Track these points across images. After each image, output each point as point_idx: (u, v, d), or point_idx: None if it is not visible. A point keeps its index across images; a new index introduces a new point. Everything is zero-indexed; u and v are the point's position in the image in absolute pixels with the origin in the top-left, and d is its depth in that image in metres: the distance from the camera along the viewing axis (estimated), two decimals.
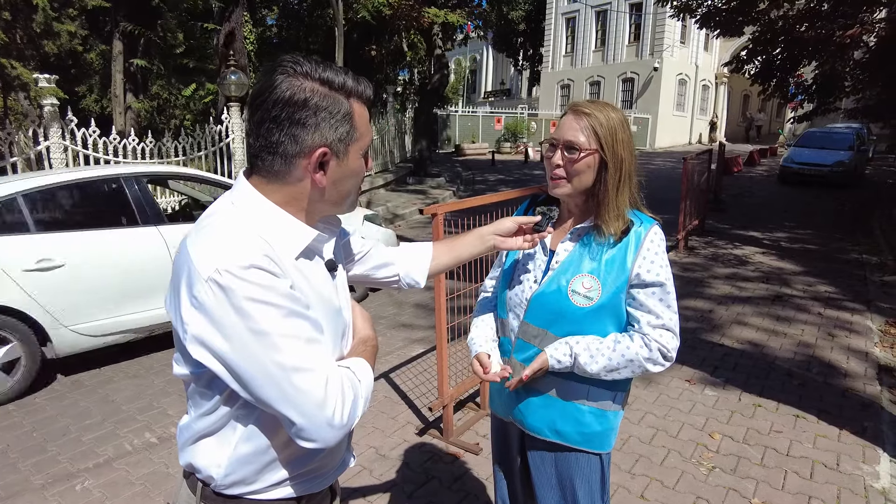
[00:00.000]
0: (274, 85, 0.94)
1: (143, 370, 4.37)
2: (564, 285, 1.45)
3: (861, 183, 15.95)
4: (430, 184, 14.87)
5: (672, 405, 3.70)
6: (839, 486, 2.85)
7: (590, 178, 1.43)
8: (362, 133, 1.02)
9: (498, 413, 1.72)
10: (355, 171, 1.05)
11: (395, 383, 4.07)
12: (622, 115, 1.45)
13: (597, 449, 1.55)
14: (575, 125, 1.42)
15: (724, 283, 6.50)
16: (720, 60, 31.51)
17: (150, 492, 2.86)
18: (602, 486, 1.59)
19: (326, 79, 0.96)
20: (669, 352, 1.44)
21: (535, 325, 1.51)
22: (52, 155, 7.31)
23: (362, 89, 1.01)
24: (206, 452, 1.05)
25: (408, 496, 2.80)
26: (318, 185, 1.00)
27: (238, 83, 9.41)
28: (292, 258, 0.99)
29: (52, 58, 10.82)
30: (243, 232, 0.94)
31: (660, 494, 2.79)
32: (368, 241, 1.44)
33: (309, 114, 0.95)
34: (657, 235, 1.45)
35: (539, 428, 1.56)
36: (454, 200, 3.53)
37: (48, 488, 2.89)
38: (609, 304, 1.43)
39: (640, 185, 1.50)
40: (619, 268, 1.42)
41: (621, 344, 1.43)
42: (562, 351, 1.45)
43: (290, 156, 0.97)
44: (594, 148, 1.40)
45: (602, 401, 1.52)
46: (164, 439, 3.37)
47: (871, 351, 4.57)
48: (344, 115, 0.98)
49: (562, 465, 1.58)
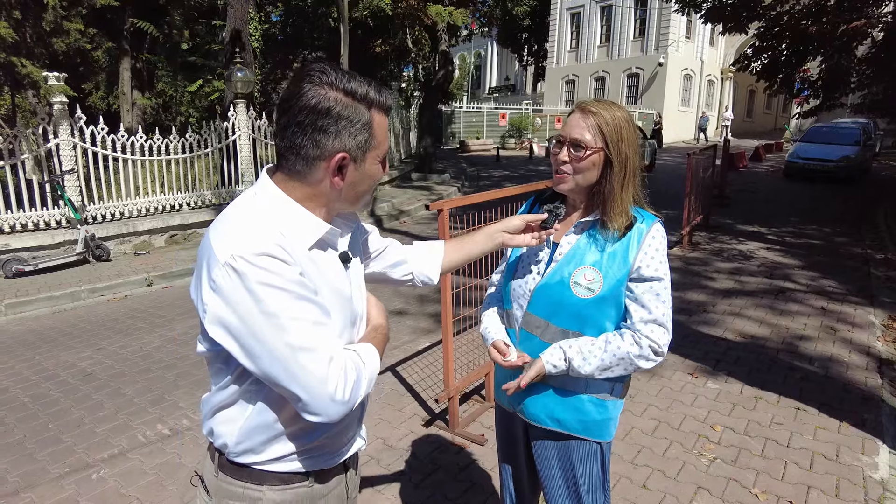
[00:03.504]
0: (301, 92, 1.02)
1: (154, 364, 4.45)
2: (567, 277, 1.50)
3: (867, 178, 15.90)
4: (435, 180, 14.92)
5: (674, 398, 3.75)
6: (838, 477, 2.90)
7: (594, 174, 1.48)
8: (380, 141, 1.10)
9: (503, 404, 1.77)
10: (371, 175, 1.13)
11: (401, 376, 4.13)
12: (627, 114, 1.50)
13: (596, 437, 1.59)
14: (581, 123, 1.47)
15: (727, 278, 6.53)
16: (726, 55, 31.41)
17: (164, 481, 2.93)
18: (602, 474, 1.64)
19: (350, 89, 1.04)
20: (660, 347, 1.48)
21: (537, 315, 1.57)
22: (61, 152, 7.40)
23: (383, 100, 1.09)
24: (222, 422, 1.16)
25: (415, 485, 2.86)
26: (336, 186, 1.09)
27: (244, 80, 9.48)
28: (305, 248, 1.06)
29: (61, 56, 10.91)
30: (259, 222, 1.02)
31: (661, 484, 2.85)
32: (386, 239, 1.50)
33: (331, 122, 1.03)
34: (659, 232, 1.50)
35: (540, 417, 1.61)
36: (459, 196, 3.58)
37: (65, 478, 2.97)
38: (610, 296, 1.48)
39: (643, 181, 1.54)
40: (621, 261, 1.47)
41: (612, 344, 1.48)
42: (557, 356, 1.51)
43: (312, 158, 1.05)
44: (599, 146, 1.45)
45: (601, 392, 1.57)
46: (177, 431, 3.45)
47: (874, 345, 4.60)
48: (364, 125, 1.06)
49: (563, 453, 1.63)
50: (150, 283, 6.73)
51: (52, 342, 4.98)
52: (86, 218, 7.62)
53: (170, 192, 8.77)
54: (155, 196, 8.57)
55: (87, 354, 4.66)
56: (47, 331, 5.29)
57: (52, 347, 4.84)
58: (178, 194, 8.86)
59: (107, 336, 5.09)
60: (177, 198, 8.83)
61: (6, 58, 8.72)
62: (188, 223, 8.76)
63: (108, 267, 7.17)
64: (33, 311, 5.87)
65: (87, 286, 6.33)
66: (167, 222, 8.50)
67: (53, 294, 6.09)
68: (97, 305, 6.09)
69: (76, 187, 7.51)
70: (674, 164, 18.51)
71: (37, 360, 4.57)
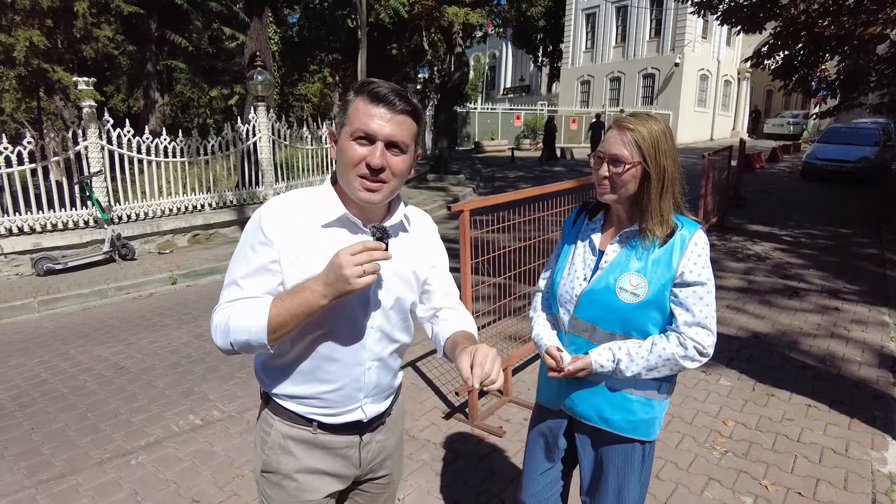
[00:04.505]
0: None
1: (183, 359, 4.63)
2: (612, 283, 1.59)
3: (887, 179, 15.74)
4: (451, 181, 15.06)
5: (688, 394, 3.84)
6: (847, 471, 2.98)
7: (633, 186, 1.57)
8: (351, 120, 1.25)
9: (544, 402, 1.85)
10: (343, 150, 1.26)
11: (421, 371, 4.27)
12: (664, 126, 1.58)
13: (642, 436, 1.67)
14: (619, 140, 1.55)
15: (741, 278, 6.59)
16: (743, 56, 31.13)
17: (198, 467, 3.10)
18: (643, 472, 1.71)
19: (355, 85, 1.30)
20: (705, 348, 1.57)
21: (584, 319, 1.66)
22: (89, 154, 7.64)
23: (369, 88, 1.25)
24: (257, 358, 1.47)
25: (436, 473, 3.00)
26: (333, 156, 1.33)
27: (265, 83, 9.68)
28: (320, 224, 1.29)
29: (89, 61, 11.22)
30: (285, 198, 1.33)
31: (674, 475, 2.96)
32: (445, 282, 1.57)
33: (340, 106, 1.33)
34: (701, 239, 1.57)
35: (588, 414, 1.70)
36: (477, 198, 3.71)
37: (106, 463, 3.15)
38: (655, 300, 1.57)
39: (683, 190, 1.62)
40: (665, 267, 1.55)
41: (658, 346, 1.57)
42: (605, 357, 1.61)
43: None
44: (637, 161, 1.54)
45: (648, 390, 1.66)
46: (208, 422, 3.62)
47: (887, 345, 4.65)
48: (344, 105, 1.29)
49: (609, 450, 1.71)
50: (174, 281, 6.93)
51: (84, 337, 5.19)
52: (112, 218, 7.86)
53: (192, 193, 8.99)
54: (178, 197, 8.80)
55: (118, 349, 4.86)
56: (79, 326, 5.51)
57: (84, 342, 5.05)
58: (201, 195, 9.08)
59: (136, 332, 5.29)
60: (199, 198, 9.05)
61: (38, 64, 9.03)
62: (210, 223, 8.98)
63: (134, 266, 7.40)
64: (64, 307, 6.10)
65: (114, 284, 6.55)
66: (190, 222, 8.72)
67: (83, 291, 6.32)
68: (124, 303, 6.30)
69: (103, 188, 7.76)
70: (689, 165, 18.43)
71: (71, 354, 4.78)
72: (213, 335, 1.29)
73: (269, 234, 1.26)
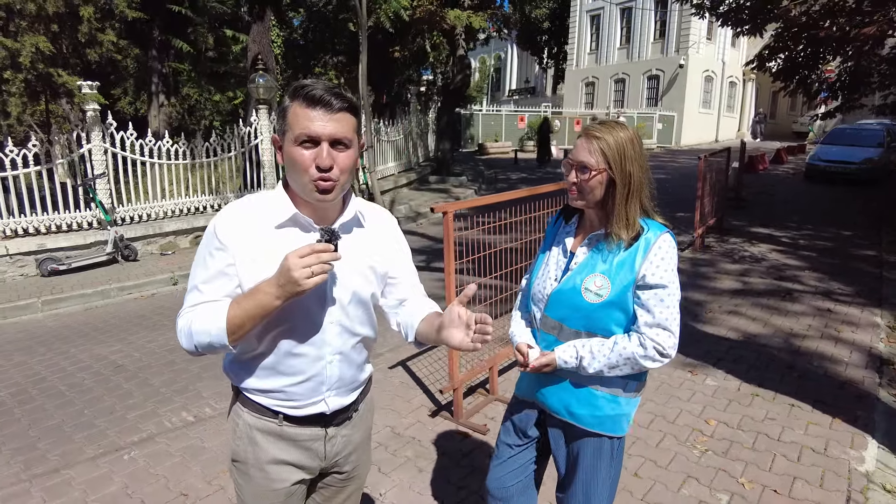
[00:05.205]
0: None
1: (179, 357, 4.72)
2: (579, 284, 1.67)
3: (890, 180, 15.66)
4: (453, 182, 15.13)
5: (672, 393, 3.89)
6: (824, 469, 3.02)
7: (600, 192, 1.63)
8: (291, 126, 1.29)
9: (520, 394, 1.93)
10: (290, 155, 1.30)
11: (410, 370, 4.34)
12: (632, 133, 1.64)
13: (609, 432, 1.73)
14: (586, 147, 1.62)
15: (734, 280, 6.61)
16: (748, 57, 31.00)
17: (188, 462, 3.18)
18: (612, 467, 1.77)
19: (290, 89, 1.34)
20: (665, 349, 1.62)
21: (553, 318, 1.75)
22: (93, 157, 7.76)
23: (304, 92, 1.28)
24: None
25: (420, 470, 3.06)
26: (281, 162, 1.36)
27: (266, 86, 9.80)
28: (273, 226, 1.36)
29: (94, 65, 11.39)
30: (239, 204, 1.40)
31: (652, 473, 3.01)
32: (409, 275, 1.61)
33: (278, 113, 1.36)
34: (665, 243, 1.62)
35: (557, 409, 1.77)
36: (469, 199, 3.78)
37: (100, 458, 3.24)
38: (617, 301, 1.63)
39: (651, 194, 1.68)
40: (628, 269, 1.62)
41: (619, 345, 1.64)
42: (569, 353, 1.68)
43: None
44: (602, 167, 1.60)
45: (614, 387, 1.72)
46: (200, 418, 3.70)
47: (876, 346, 4.68)
48: (281, 112, 1.33)
49: (577, 444, 1.78)
50: (175, 282, 7.04)
51: (85, 336, 5.29)
52: (115, 220, 7.98)
53: (194, 195, 9.11)
54: (180, 198, 8.92)
55: (117, 348, 4.96)
56: (80, 326, 5.62)
57: (85, 341, 5.15)
58: (203, 197, 9.20)
59: (135, 331, 5.39)
60: (201, 200, 9.17)
61: (44, 69, 9.19)
62: None
63: (136, 266, 7.52)
64: (67, 307, 6.21)
65: (116, 284, 6.66)
66: (192, 224, 8.83)
67: (85, 292, 6.44)
68: (126, 303, 6.41)
69: (107, 190, 7.88)
70: (690, 166, 18.44)
71: (72, 352, 4.88)
72: (179, 338, 1.37)
73: (224, 239, 1.33)
